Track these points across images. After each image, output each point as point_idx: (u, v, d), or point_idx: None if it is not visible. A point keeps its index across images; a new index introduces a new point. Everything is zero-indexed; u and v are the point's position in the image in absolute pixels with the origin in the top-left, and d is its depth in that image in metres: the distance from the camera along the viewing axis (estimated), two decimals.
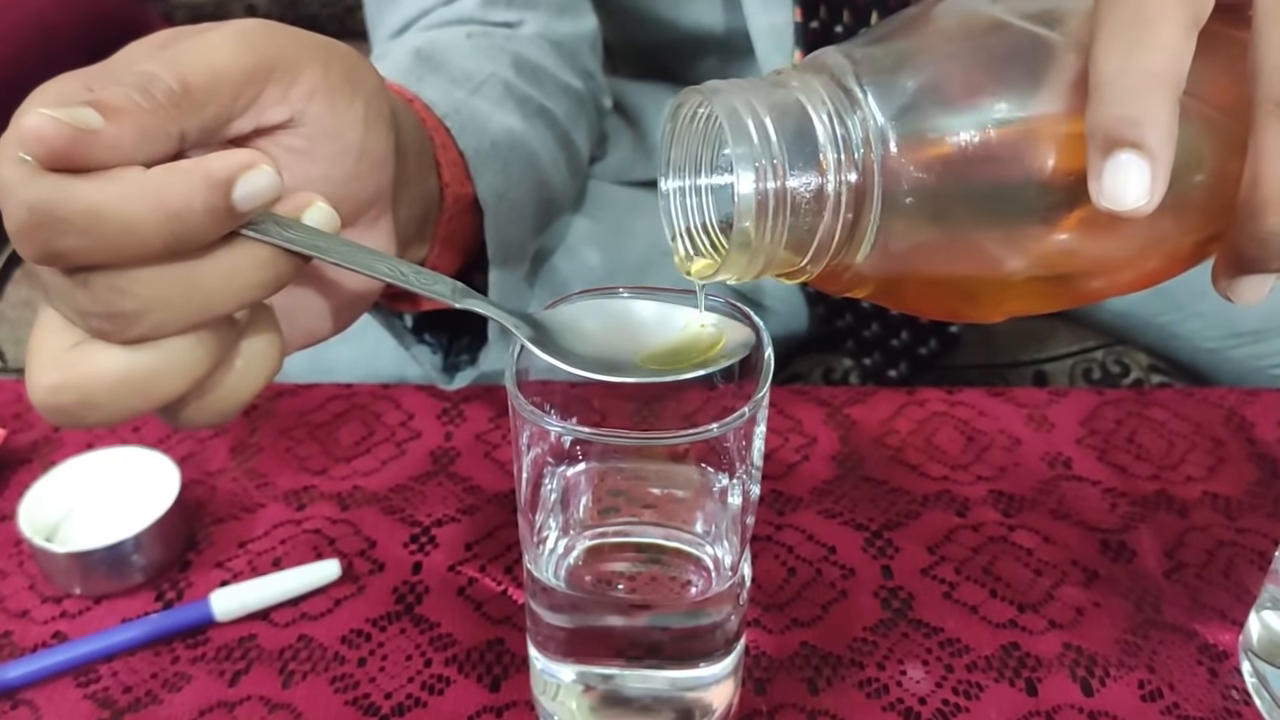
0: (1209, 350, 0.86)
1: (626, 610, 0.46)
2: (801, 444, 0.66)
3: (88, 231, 0.31)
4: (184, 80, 0.34)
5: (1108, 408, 0.68)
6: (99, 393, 0.34)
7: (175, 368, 0.34)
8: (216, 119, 0.35)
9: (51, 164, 0.31)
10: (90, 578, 0.57)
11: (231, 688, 0.53)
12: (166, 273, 0.33)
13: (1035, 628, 0.55)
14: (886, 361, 0.86)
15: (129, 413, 0.34)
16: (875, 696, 0.52)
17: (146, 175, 0.32)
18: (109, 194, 0.31)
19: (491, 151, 0.56)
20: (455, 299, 0.39)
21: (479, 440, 0.67)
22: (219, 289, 0.34)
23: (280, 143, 0.38)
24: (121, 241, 0.32)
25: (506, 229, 0.57)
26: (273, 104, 0.37)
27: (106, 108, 0.32)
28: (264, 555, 0.60)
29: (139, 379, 0.34)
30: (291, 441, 0.67)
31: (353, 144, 0.39)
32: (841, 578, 0.58)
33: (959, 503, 0.62)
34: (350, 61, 0.40)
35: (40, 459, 0.66)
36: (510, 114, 0.61)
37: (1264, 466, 0.64)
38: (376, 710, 0.51)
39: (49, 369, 0.34)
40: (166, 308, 0.33)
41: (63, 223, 0.31)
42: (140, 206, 0.32)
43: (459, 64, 0.62)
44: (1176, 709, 0.51)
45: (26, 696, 0.53)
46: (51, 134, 0.31)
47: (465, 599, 0.57)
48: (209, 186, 0.32)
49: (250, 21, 0.37)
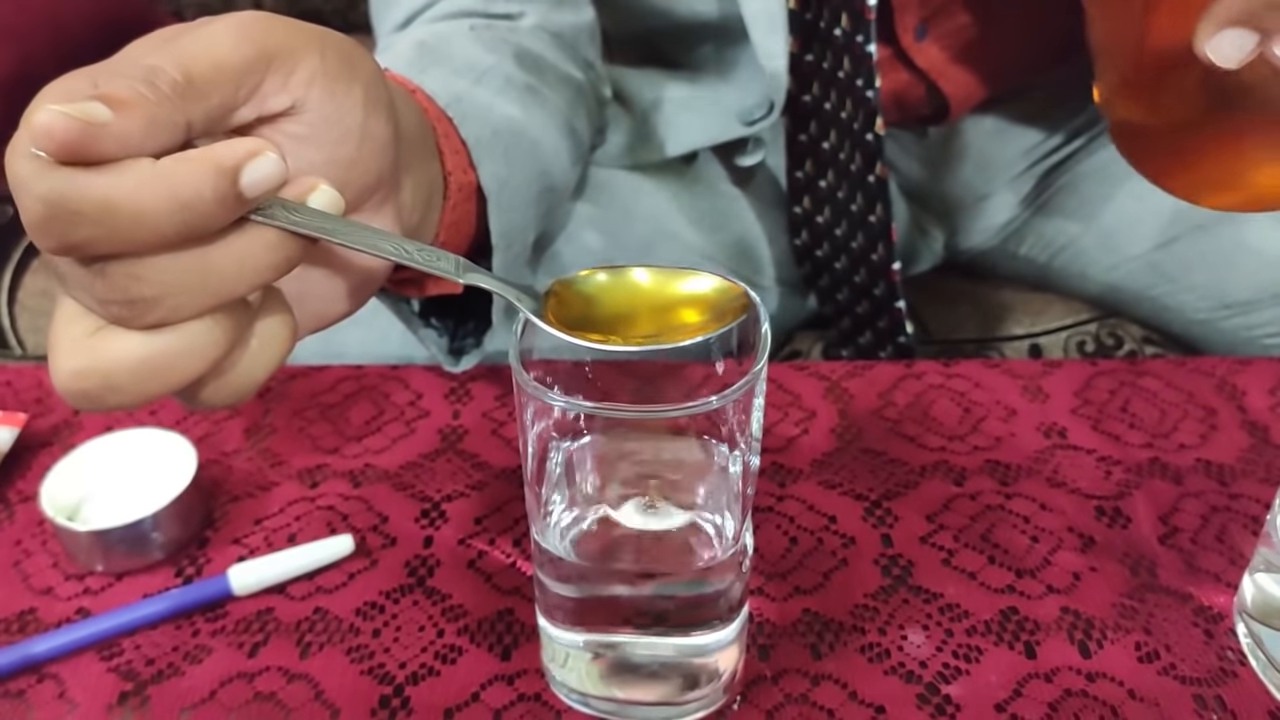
0: (1200, 322, 0.87)
1: (632, 580, 0.48)
2: (801, 418, 0.67)
3: (101, 222, 0.32)
4: (187, 71, 0.34)
5: (1101, 378, 0.69)
6: (120, 377, 0.35)
7: (192, 350, 0.35)
8: (220, 108, 0.36)
9: (63, 158, 0.32)
10: (112, 555, 0.58)
11: (250, 659, 0.54)
12: (180, 259, 0.34)
13: (1033, 592, 0.56)
14: (877, 342, 0.87)
15: (149, 395, 0.35)
16: (877, 660, 0.53)
17: (156, 166, 0.33)
18: (121, 185, 0.32)
19: (493, 140, 0.57)
20: (459, 274, 0.40)
21: (486, 418, 0.68)
22: (231, 273, 0.35)
23: (283, 130, 0.39)
24: (135, 231, 0.33)
25: (509, 215, 0.58)
26: (274, 92, 0.37)
27: (114, 100, 0.32)
28: (279, 531, 0.61)
29: (158, 362, 0.35)
30: (304, 422, 0.68)
31: (353, 129, 0.40)
32: (842, 546, 0.59)
33: (956, 472, 0.63)
34: (346, 48, 0.40)
35: (61, 442, 0.67)
36: (511, 103, 0.62)
37: (1255, 433, 0.65)
38: (391, 679, 0.53)
39: (71, 355, 0.35)
40: (181, 293, 0.34)
41: (77, 215, 0.32)
42: (151, 196, 0.32)
43: (461, 55, 0.62)
44: (1173, 670, 0.52)
45: (52, 670, 0.54)
46: (61, 129, 0.32)
47: (475, 571, 0.58)
48: (217, 174, 0.33)
49: (248, 14, 0.37)
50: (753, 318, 0.43)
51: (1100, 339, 0.90)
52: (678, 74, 0.87)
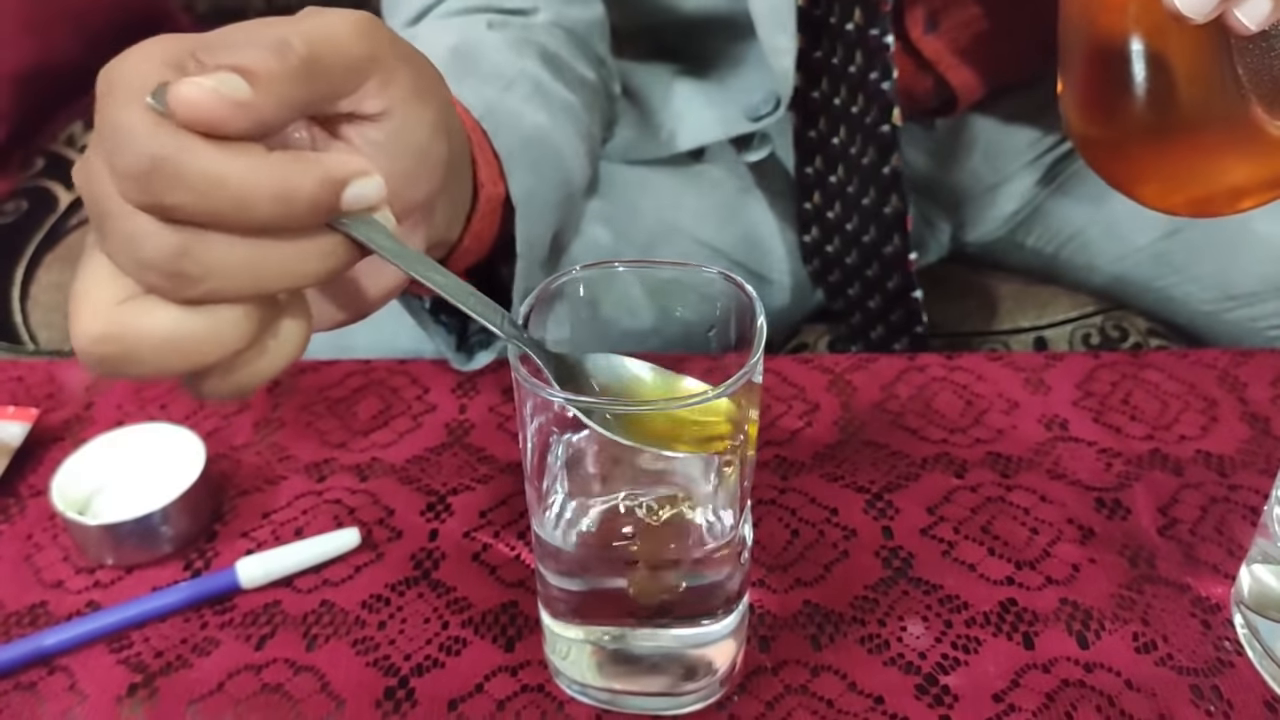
0: (1205, 313, 0.87)
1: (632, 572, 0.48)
2: (804, 410, 0.68)
3: (204, 195, 0.32)
4: (314, 51, 0.35)
5: (1103, 370, 0.69)
6: (143, 350, 0.34)
7: (220, 335, 0.35)
8: (330, 96, 0.36)
9: (193, 127, 0.32)
10: (121, 549, 0.59)
11: (258, 651, 0.55)
12: (238, 244, 0.34)
13: (1032, 584, 0.57)
14: (890, 336, 0.88)
15: (167, 371, 0.35)
16: (877, 652, 0.54)
17: (270, 156, 0.33)
18: (235, 166, 0.32)
19: (523, 151, 0.57)
20: (502, 327, 0.41)
21: (492, 413, 0.69)
22: (282, 269, 0.35)
23: (363, 133, 0.39)
24: (229, 210, 0.33)
25: (534, 226, 0.58)
26: (372, 94, 0.38)
27: (249, 73, 0.33)
28: (287, 525, 0.62)
29: (184, 341, 0.34)
30: (312, 416, 0.69)
31: (419, 147, 0.40)
32: (843, 538, 0.60)
33: (957, 465, 0.64)
34: (431, 71, 0.41)
35: (72, 436, 0.68)
36: (539, 110, 0.62)
37: (1255, 425, 0.65)
38: (396, 671, 0.54)
39: (97, 319, 0.34)
40: (228, 277, 0.34)
41: (180, 180, 0.32)
42: (257, 183, 0.33)
43: (490, 60, 0.62)
44: (1170, 660, 0.53)
45: (63, 662, 0.55)
46: (206, 103, 0.32)
47: (480, 564, 0.59)
48: (325, 182, 0.34)
49: (361, 13, 0.37)
50: (750, 312, 0.44)
51: (1105, 331, 0.90)
52: (684, 69, 0.88)
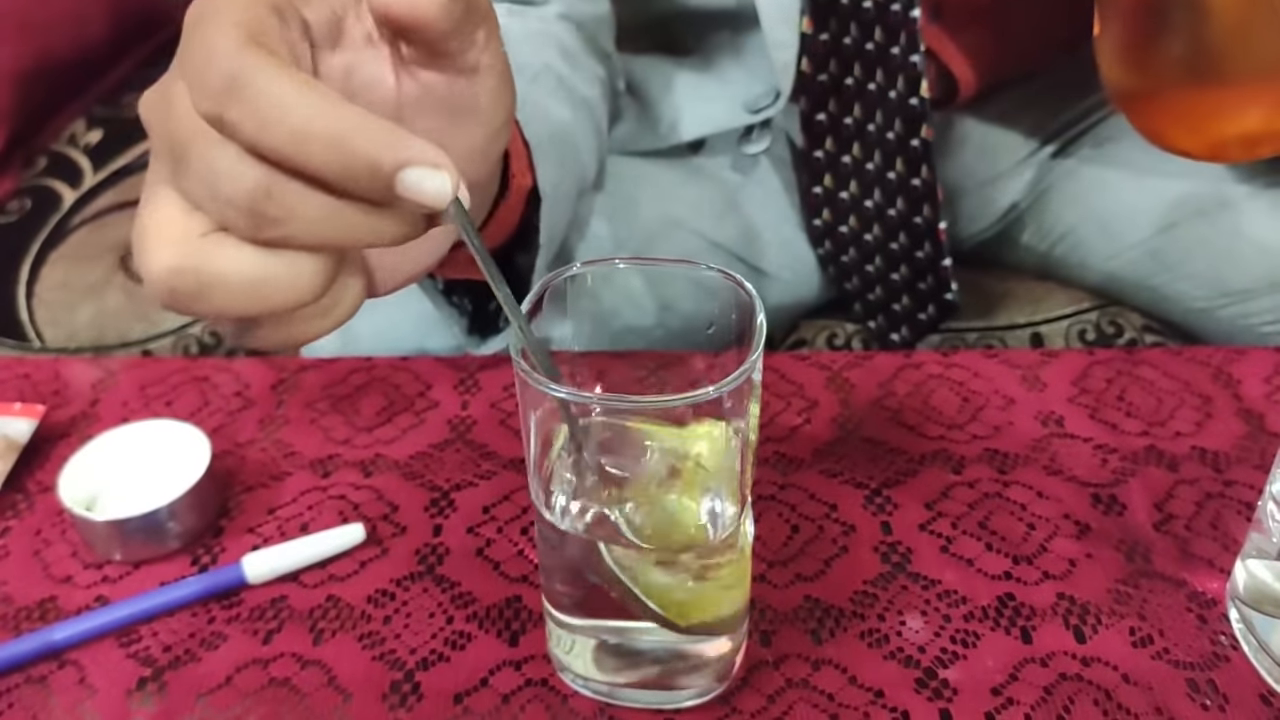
0: (1199, 310, 0.87)
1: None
2: (803, 407, 0.68)
3: (266, 123, 0.31)
4: None
5: (1099, 367, 0.70)
6: (218, 287, 0.33)
7: (295, 282, 0.34)
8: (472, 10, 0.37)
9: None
10: (129, 544, 0.60)
11: (265, 646, 0.55)
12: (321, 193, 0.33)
13: (1030, 579, 0.57)
14: (890, 325, 0.88)
15: (235, 311, 0.34)
16: (876, 646, 0.54)
17: (341, 105, 0.32)
18: (303, 100, 0.31)
19: (549, 143, 0.58)
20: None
21: (494, 408, 0.69)
22: (358, 224, 0.34)
23: (452, 86, 0.39)
24: (287, 145, 0.32)
25: (556, 218, 0.58)
26: (479, 46, 0.38)
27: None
28: (292, 521, 0.62)
29: (261, 283, 0.33)
30: (316, 413, 0.70)
31: (493, 126, 0.41)
32: (843, 534, 0.60)
33: (955, 461, 0.64)
34: None
35: (78, 433, 0.68)
36: (562, 104, 0.62)
37: (1250, 421, 0.66)
38: (402, 665, 0.54)
39: (173, 252, 0.33)
40: (309, 222, 0.33)
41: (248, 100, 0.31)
42: (318, 127, 0.31)
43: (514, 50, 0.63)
44: (1166, 654, 0.53)
45: (72, 657, 0.55)
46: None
47: (484, 559, 0.60)
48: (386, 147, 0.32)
49: None
50: (750, 310, 0.44)
51: (1101, 327, 0.90)
52: (685, 62, 0.88)
